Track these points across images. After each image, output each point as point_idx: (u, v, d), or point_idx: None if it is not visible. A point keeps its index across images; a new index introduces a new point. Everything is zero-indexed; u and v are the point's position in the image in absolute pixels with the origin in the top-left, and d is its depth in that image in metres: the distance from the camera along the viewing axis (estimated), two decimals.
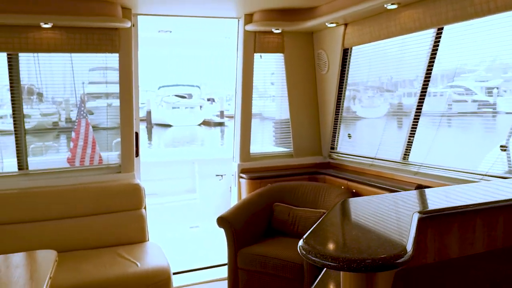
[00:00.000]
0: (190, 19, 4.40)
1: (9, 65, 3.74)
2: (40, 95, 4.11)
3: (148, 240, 3.86)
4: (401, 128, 3.94)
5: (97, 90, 4.31)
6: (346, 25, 4.04)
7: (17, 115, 3.84)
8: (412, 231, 1.18)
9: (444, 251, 1.50)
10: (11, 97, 3.82)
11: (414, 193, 1.74)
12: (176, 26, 4.93)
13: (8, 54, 3.71)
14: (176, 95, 25.54)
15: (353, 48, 4.20)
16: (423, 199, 1.62)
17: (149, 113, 24.64)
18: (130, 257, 3.38)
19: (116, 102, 4.04)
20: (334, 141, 4.68)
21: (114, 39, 3.81)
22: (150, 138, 22.22)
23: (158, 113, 24.85)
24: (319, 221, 1.32)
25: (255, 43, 4.31)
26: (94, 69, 4.23)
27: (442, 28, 3.27)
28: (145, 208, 3.94)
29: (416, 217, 1.32)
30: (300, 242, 1.11)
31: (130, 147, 4.07)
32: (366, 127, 4.80)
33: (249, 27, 4.17)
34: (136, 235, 3.78)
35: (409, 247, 1.06)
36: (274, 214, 3.94)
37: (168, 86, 26.15)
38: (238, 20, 4.31)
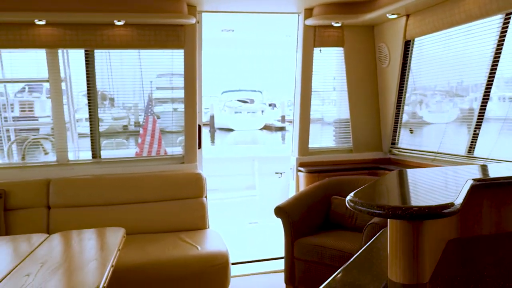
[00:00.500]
0: (252, 18, 4.53)
1: (86, 61, 4.07)
2: (112, 100, 4.42)
3: (209, 227, 4.00)
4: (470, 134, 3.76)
5: (164, 96, 4.56)
6: (407, 16, 3.97)
7: (93, 118, 4.16)
8: (463, 192, 1.18)
9: (501, 223, 1.46)
10: (88, 101, 4.15)
11: (475, 167, 1.71)
12: (238, 24, 5.10)
13: (85, 51, 4.04)
14: (239, 100, 26.01)
15: (416, 45, 4.12)
16: (484, 171, 1.58)
17: (212, 117, 25.30)
18: (191, 241, 3.53)
19: (181, 107, 4.26)
20: (395, 136, 4.59)
21: (179, 35, 4.02)
22: (213, 141, 22.77)
23: (221, 117, 25.45)
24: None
25: (314, 37, 4.35)
26: (161, 75, 4.49)
27: (510, 14, 3.13)
28: (206, 196, 4.10)
29: (469, 183, 1.31)
30: (348, 196, 1.15)
31: (193, 139, 4.26)
32: (432, 130, 4.63)
33: (309, 22, 4.23)
34: (197, 222, 3.93)
35: (457, 202, 1.07)
36: (332, 207, 3.93)
37: (231, 91, 26.70)
38: (298, 15, 4.37)
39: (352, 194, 1.16)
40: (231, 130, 25.28)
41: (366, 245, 1.39)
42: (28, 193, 3.72)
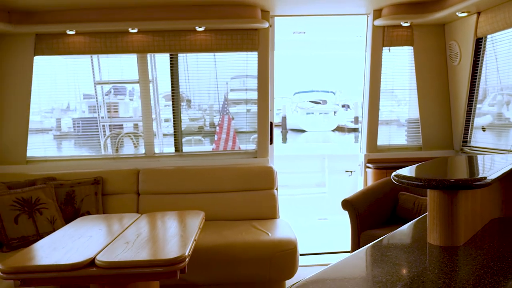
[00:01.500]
0: (323, 19, 4.74)
1: (171, 64, 4.53)
2: (188, 101, 4.85)
3: (279, 217, 4.27)
4: None
5: (238, 97, 4.91)
6: (478, 14, 3.97)
7: (176, 117, 4.60)
8: (500, 171, 1.33)
9: None
10: (172, 101, 4.59)
11: None
12: (309, 26, 5.32)
13: (170, 55, 4.50)
14: (311, 101, 26.03)
15: (500, 41, 4.06)
16: None
17: (284, 118, 25.57)
18: (262, 228, 3.83)
19: (254, 108, 4.58)
20: (467, 134, 4.56)
21: (254, 38, 4.34)
22: (284, 141, 23.05)
23: (293, 118, 25.64)
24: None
25: (383, 37, 4.46)
26: (235, 77, 4.84)
27: None
28: (276, 189, 4.38)
29: (511, 166, 1.44)
30: (394, 172, 1.35)
31: (265, 135, 4.56)
32: None
33: (378, 22, 4.35)
34: (268, 212, 4.22)
35: (490, 178, 1.23)
36: (399, 202, 4.03)
37: (303, 92, 26.78)
38: (367, 16, 4.51)
39: (398, 171, 1.36)
40: (303, 131, 25.38)
41: (412, 221, 1.57)
42: (121, 181, 4.23)
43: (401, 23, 4.36)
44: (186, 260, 2.29)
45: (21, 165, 4.41)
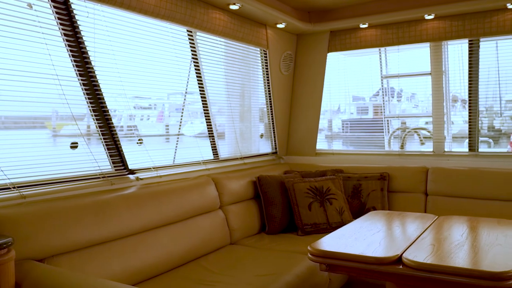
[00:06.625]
0: None
1: (469, 51, 4.01)
2: (464, 102, 4.22)
3: None
4: None
5: None
6: None
7: (473, 114, 4.07)
8: None
9: None
10: (469, 95, 4.07)
11: None
12: None
13: (469, 42, 3.99)
14: None
15: None
16: None
17: None
18: None
19: None
20: None
21: None
22: None
23: None
24: None
25: None
26: None
27: None
28: None
29: None
30: None
31: None
32: None
33: None
34: None
35: None
36: None
37: None
38: None
39: None
40: None
41: None
42: (407, 178, 3.98)
43: None
44: None
45: (310, 157, 4.71)
